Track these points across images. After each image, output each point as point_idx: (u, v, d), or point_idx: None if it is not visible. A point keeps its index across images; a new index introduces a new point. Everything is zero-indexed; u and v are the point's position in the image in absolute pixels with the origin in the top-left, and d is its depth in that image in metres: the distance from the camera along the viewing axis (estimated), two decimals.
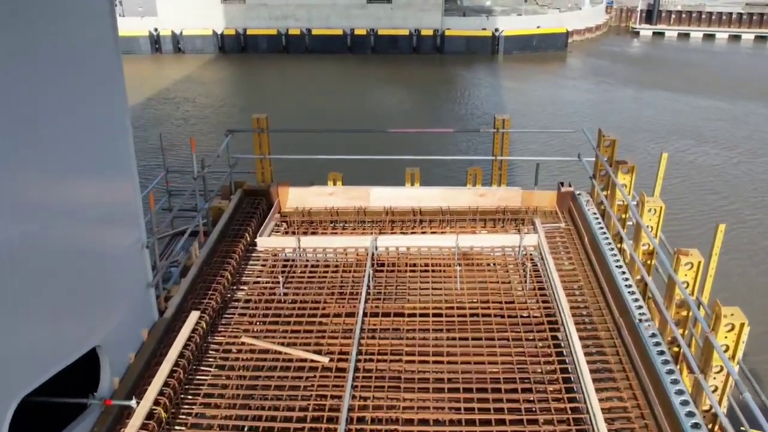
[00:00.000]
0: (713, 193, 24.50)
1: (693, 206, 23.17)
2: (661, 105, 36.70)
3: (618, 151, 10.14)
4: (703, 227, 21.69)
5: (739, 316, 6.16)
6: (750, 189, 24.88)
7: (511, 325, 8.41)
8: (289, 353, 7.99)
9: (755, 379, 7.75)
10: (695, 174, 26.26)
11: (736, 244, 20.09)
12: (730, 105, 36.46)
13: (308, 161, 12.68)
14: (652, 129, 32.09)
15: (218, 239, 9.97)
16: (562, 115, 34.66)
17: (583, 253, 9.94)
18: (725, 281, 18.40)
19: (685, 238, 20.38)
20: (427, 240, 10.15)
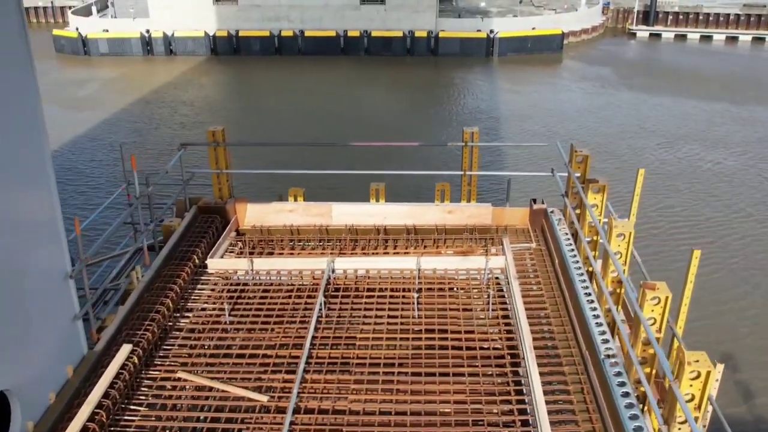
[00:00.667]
0: (717, 200, 23.87)
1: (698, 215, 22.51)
2: (664, 108, 35.95)
3: (625, 157, 9.46)
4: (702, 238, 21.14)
5: (704, 363, 5.55)
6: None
7: (469, 358, 7.79)
8: (226, 390, 7.38)
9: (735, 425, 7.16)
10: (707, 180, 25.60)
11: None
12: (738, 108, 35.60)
13: (278, 176, 12.07)
14: (656, 133, 31.37)
15: (165, 261, 9.36)
16: (558, 120, 34.01)
17: (554, 277, 9.33)
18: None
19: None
20: (387, 262, 9.53)
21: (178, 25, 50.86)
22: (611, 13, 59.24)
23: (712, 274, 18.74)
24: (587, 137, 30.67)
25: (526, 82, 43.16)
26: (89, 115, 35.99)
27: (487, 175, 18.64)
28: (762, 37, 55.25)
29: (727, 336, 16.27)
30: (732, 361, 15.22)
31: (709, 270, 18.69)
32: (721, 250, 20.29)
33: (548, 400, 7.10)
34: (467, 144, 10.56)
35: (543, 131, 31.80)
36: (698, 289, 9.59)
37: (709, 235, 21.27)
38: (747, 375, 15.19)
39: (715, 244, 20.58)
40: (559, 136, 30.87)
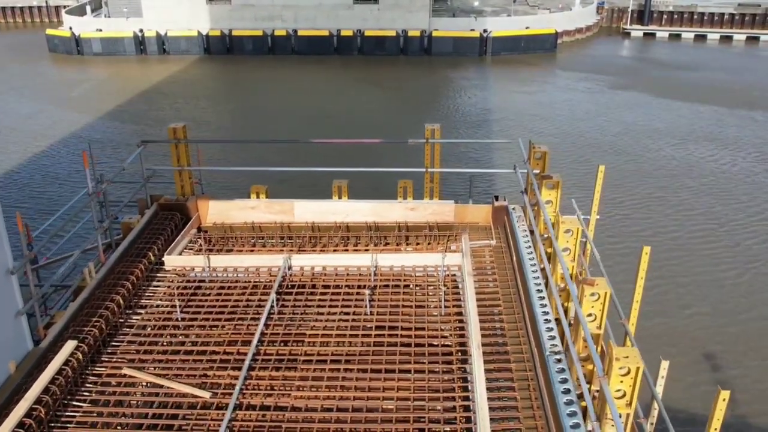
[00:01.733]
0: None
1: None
2: (672, 109, 35.66)
3: (642, 158, 9.33)
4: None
5: (634, 360, 5.49)
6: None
7: (417, 355, 7.74)
8: (170, 387, 7.34)
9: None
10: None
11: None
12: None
13: (257, 174, 11.98)
14: (669, 133, 31.14)
15: (120, 258, 9.32)
16: (568, 120, 33.85)
17: (511, 274, 9.27)
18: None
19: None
20: (344, 259, 9.48)
21: (171, 24, 50.82)
22: (606, 12, 59.14)
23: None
24: (601, 138, 30.38)
25: (529, 81, 42.90)
26: (79, 114, 35.98)
27: (471, 174, 18.54)
28: (756, 37, 55.16)
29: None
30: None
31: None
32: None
33: (493, 396, 7.06)
34: (428, 141, 10.50)
35: (556, 132, 31.54)
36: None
37: (726, 238, 20.89)
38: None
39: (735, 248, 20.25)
40: (572, 136, 30.68)
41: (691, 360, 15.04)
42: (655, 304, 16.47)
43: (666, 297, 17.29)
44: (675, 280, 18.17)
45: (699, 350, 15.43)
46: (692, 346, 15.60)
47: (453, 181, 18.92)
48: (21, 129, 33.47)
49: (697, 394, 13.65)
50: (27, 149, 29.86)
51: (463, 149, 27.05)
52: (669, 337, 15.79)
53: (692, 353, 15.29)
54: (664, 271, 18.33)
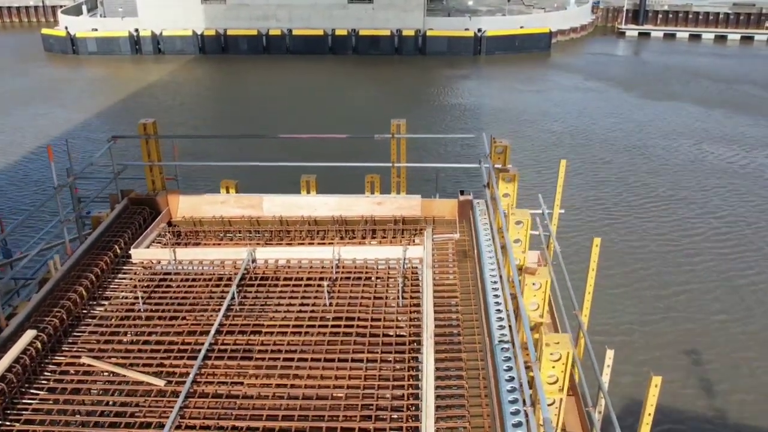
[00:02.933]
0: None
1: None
2: (685, 111, 35.61)
3: (663, 158, 9.44)
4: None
5: (564, 345, 5.62)
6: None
7: (372, 345, 7.87)
8: (126, 375, 7.48)
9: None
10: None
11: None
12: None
13: (240, 171, 12.13)
14: (684, 134, 31.15)
15: (86, 251, 9.46)
16: (579, 119, 33.91)
17: (472, 267, 9.40)
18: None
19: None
20: (307, 252, 9.61)
21: (166, 24, 51.02)
22: (601, 12, 59.24)
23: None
24: (621, 137, 30.33)
25: (534, 80, 42.79)
26: (71, 112, 36.15)
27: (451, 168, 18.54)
28: (751, 36, 55.25)
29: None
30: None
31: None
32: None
33: (442, 384, 7.19)
34: (394, 136, 10.63)
35: (571, 131, 31.55)
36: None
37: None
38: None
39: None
40: (592, 137, 30.54)
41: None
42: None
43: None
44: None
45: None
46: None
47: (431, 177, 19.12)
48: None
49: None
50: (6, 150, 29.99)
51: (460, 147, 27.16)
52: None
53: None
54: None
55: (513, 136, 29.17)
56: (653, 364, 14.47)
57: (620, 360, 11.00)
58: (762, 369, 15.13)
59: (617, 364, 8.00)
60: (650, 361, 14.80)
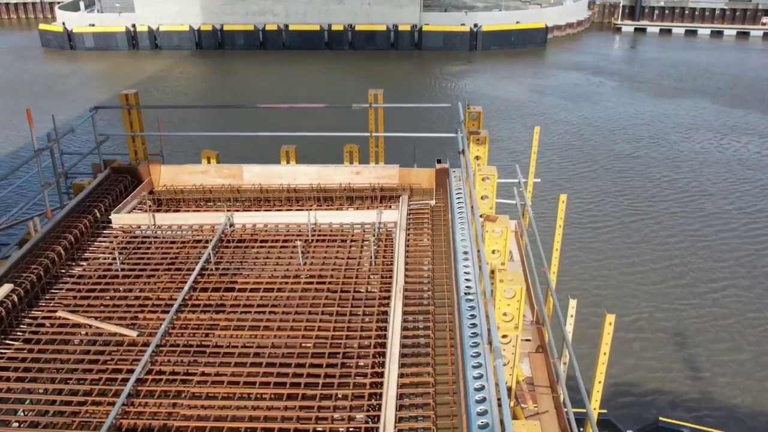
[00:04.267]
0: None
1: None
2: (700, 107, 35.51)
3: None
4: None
5: (518, 281, 5.78)
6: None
7: (342, 300, 8.02)
8: (100, 327, 7.63)
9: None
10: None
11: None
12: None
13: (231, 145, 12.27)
14: (704, 127, 31.14)
15: (67, 215, 9.62)
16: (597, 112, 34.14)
17: (446, 231, 9.55)
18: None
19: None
20: (284, 217, 9.77)
21: (163, 19, 51.24)
22: (597, 8, 59.44)
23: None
24: (654, 133, 30.23)
25: (531, 76, 42.83)
26: (67, 105, 36.31)
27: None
28: (746, 32, 55.42)
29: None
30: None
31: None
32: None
33: (410, 335, 7.34)
34: (372, 105, 10.78)
35: (573, 124, 31.61)
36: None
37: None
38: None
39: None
40: (628, 132, 30.59)
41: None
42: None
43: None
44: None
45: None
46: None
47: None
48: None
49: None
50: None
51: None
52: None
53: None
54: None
55: (517, 130, 29.31)
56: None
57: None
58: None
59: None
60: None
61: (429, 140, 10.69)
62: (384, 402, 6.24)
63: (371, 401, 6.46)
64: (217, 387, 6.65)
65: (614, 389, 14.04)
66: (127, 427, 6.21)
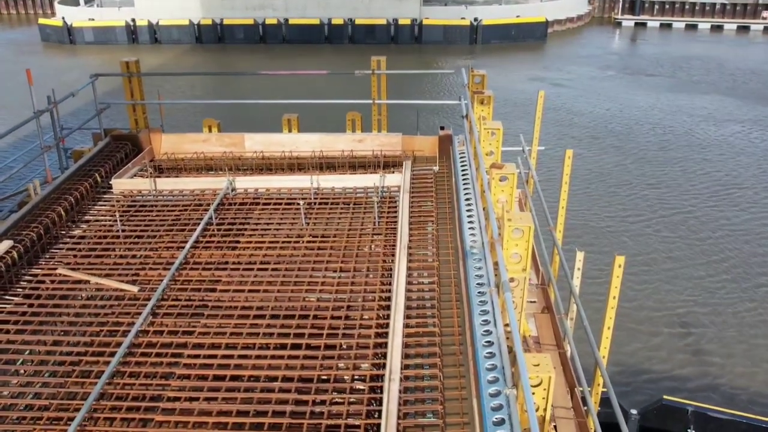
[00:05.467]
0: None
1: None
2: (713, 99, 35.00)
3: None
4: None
5: (527, 220, 5.67)
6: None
7: (346, 257, 7.93)
8: (101, 283, 7.53)
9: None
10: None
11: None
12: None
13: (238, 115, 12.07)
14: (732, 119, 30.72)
15: (67, 179, 9.52)
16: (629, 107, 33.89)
17: (450, 196, 9.45)
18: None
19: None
20: (286, 181, 9.68)
21: (163, 13, 51.07)
22: (597, 2, 59.36)
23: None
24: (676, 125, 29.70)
25: (554, 69, 42.34)
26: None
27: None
28: (747, 26, 55.36)
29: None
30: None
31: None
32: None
33: (414, 289, 7.25)
34: (374, 72, 10.69)
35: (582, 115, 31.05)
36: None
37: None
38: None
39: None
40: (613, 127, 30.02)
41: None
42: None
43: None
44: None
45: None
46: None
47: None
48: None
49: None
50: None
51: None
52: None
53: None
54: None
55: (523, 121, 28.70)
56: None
57: None
58: None
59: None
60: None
61: (431, 111, 10.55)
62: (390, 350, 6.14)
63: (376, 350, 6.36)
64: (220, 338, 6.56)
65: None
66: (129, 374, 6.11)
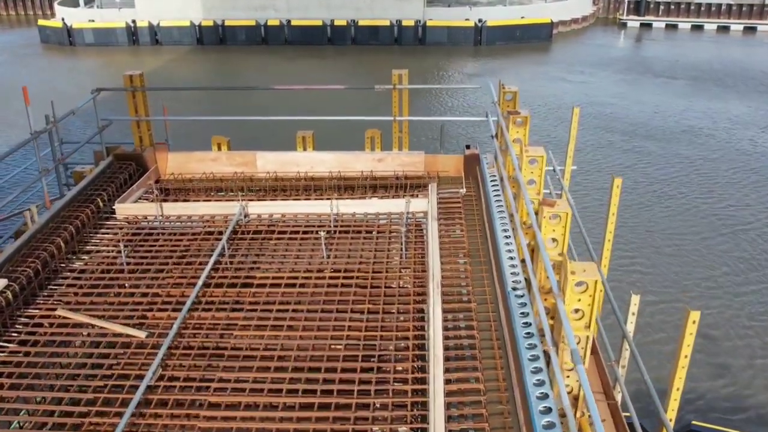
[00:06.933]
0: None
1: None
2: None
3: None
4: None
5: (592, 272, 4.98)
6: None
7: (373, 296, 7.23)
8: (105, 327, 6.84)
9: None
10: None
11: None
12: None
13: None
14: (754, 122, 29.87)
15: (67, 204, 8.82)
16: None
17: (480, 221, 8.76)
18: None
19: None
20: (303, 206, 8.98)
21: (163, 14, 50.37)
22: (602, 3, 58.68)
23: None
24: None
25: (575, 72, 41.37)
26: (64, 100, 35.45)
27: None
28: (753, 27, 54.70)
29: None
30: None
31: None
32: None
33: (450, 335, 6.55)
34: (396, 87, 9.99)
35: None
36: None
37: None
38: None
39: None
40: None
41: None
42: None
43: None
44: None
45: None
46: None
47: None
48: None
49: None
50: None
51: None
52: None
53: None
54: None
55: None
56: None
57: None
58: None
59: None
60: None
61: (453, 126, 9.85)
62: (432, 413, 5.45)
63: (414, 411, 5.68)
64: (238, 395, 5.87)
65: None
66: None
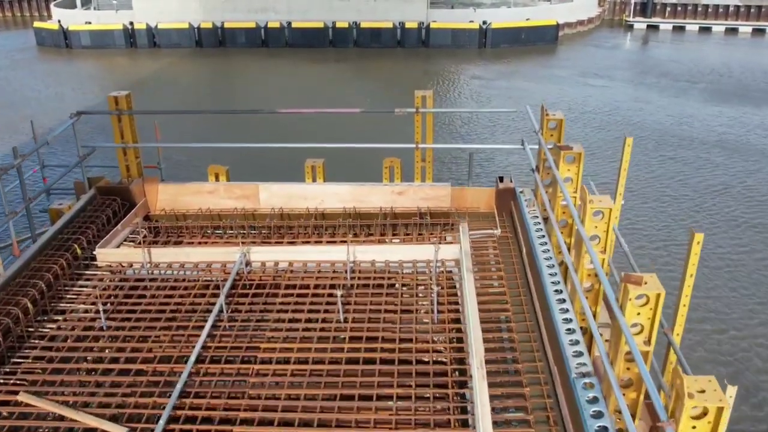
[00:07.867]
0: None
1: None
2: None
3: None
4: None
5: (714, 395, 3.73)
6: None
7: (402, 376, 5.97)
8: (76, 420, 5.58)
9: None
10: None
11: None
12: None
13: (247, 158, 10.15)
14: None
15: (39, 252, 7.56)
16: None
17: (521, 271, 7.51)
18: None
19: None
20: (314, 253, 7.71)
21: (162, 16, 49.16)
22: (608, 4, 57.54)
23: None
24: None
25: (593, 76, 39.80)
26: (56, 105, 34.21)
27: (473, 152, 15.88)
28: (762, 29, 53.55)
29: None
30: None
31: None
32: None
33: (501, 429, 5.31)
34: (419, 110, 8.73)
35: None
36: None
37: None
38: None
39: None
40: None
41: None
42: None
43: None
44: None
45: None
46: None
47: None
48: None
49: None
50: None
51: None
52: None
53: None
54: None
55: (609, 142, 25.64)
56: None
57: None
58: None
59: None
60: None
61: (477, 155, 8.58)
62: None
63: None
64: None
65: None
66: None
